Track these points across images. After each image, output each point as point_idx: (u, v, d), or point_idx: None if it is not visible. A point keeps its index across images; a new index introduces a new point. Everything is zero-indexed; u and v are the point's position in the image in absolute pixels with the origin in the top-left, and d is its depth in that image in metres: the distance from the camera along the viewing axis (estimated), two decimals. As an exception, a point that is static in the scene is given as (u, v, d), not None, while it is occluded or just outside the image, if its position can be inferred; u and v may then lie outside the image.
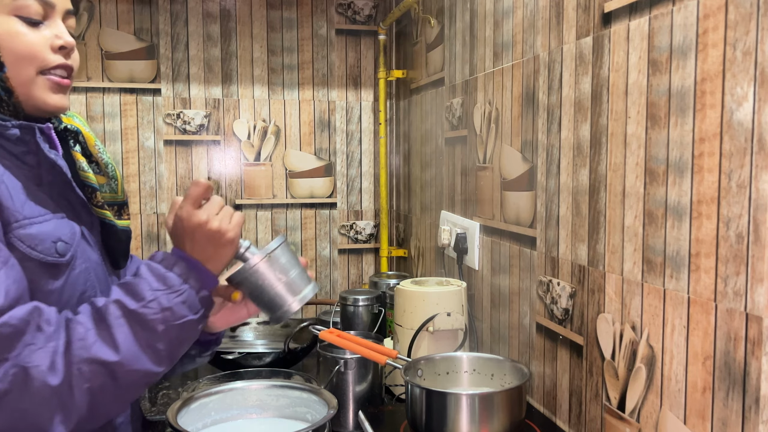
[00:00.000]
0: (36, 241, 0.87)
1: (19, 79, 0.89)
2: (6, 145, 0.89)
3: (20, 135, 0.89)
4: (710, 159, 0.93)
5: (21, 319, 0.78)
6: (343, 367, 1.49)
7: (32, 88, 0.91)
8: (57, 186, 0.94)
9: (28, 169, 0.90)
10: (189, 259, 0.93)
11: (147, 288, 0.88)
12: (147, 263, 0.92)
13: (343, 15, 2.68)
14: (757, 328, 0.86)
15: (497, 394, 1.25)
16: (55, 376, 0.79)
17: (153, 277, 0.89)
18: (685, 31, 0.98)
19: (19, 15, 0.89)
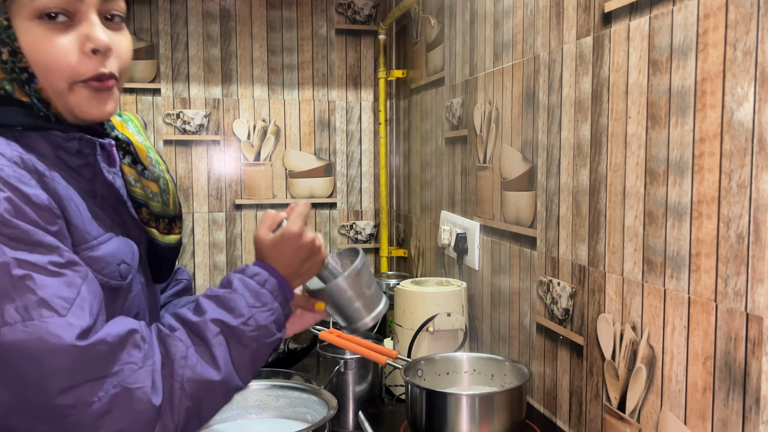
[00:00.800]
0: (103, 264, 0.83)
1: (52, 90, 0.80)
2: (64, 157, 0.83)
3: (79, 148, 0.84)
4: (710, 159, 0.93)
5: (118, 337, 0.75)
6: (343, 367, 1.49)
7: (69, 98, 0.81)
8: (109, 200, 0.90)
9: (84, 182, 0.86)
10: (278, 276, 0.92)
11: (244, 304, 0.86)
12: (240, 277, 0.90)
13: (343, 15, 2.68)
14: (758, 328, 0.86)
15: (497, 395, 1.25)
16: (157, 395, 0.76)
17: (249, 293, 0.88)
18: (686, 30, 0.98)
19: (41, 16, 0.77)
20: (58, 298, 0.72)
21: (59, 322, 0.71)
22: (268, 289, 0.90)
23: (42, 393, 0.70)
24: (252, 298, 0.87)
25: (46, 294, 0.71)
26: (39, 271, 0.72)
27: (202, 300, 0.87)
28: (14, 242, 0.71)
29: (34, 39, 0.78)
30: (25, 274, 0.71)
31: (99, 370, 0.73)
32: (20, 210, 0.73)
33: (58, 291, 0.72)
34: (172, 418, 0.77)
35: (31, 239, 0.72)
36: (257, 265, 0.93)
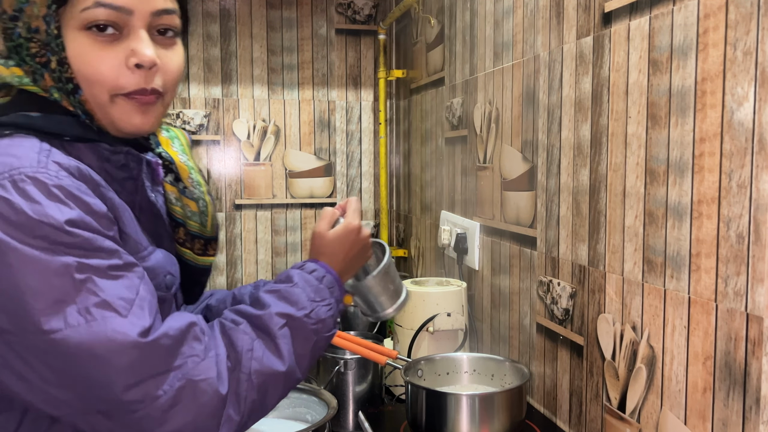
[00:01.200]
0: (153, 274, 0.83)
1: (95, 101, 0.80)
2: (109, 170, 0.83)
3: (125, 162, 0.84)
4: (711, 159, 0.93)
5: (179, 330, 0.76)
6: (343, 367, 1.49)
7: (110, 111, 0.81)
8: (148, 215, 0.90)
9: (125, 195, 0.85)
10: (333, 272, 0.95)
11: (305, 298, 0.88)
12: (299, 273, 0.92)
13: (343, 15, 2.68)
14: (758, 329, 0.86)
15: (497, 395, 1.25)
16: (223, 386, 0.77)
17: (309, 287, 0.90)
18: (686, 30, 0.98)
19: (90, 27, 0.77)
20: (118, 299, 0.72)
21: (121, 322, 0.71)
22: (326, 285, 0.92)
23: (108, 390, 0.71)
24: (312, 293, 0.90)
25: (108, 295, 0.72)
26: (99, 274, 0.72)
27: (263, 295, 0.88)
28: (76, 249, 0.71)
29: (80, 50, 0.78)
30: (87, 277, 0.71)
31: (163, 364, 0.73)
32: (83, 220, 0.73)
33: (119, 292, 0.73)
34: (239, 409, 0.78)
35: (92, 245, 0.73)
36: (313, 262, 0.96)
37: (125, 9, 0.78)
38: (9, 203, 0.69)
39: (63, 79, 0.79)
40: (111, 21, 0.78)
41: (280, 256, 2.69)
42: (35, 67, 0.79)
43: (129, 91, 0.80)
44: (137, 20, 0.79)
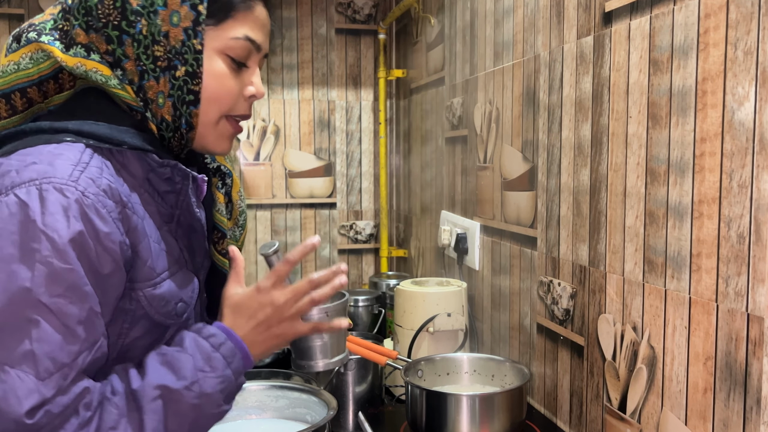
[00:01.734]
0: (163, 302, 0.82)
1: (205, 117, 0.85)
2: (154, 181, 0.84)
3: (170, 175, 0.85)
4: (711, 159, 0.93)
5: (63, 407, 0.71)
6: (343, 367, 1.49)
7: (212, 130, 0.86)
8: (185, 227, 0.89)
9: (165, 207, 0.86)
10: (237, 340, 0.84)
11: (191, 367, 0.79)
12: (194, 337, 0.83)
13: (342, 14, 2.68)
14: (759, 329, 0.85)
15: (498, 395, 1.25)
16: None
17: (200, 354, 0.81)
18: (686, 30, 0.97)
19: (228, 54, 0.84)
20: (48, 359, 0.70)
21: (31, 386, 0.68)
22: (222, 354, 0.82)
23: None
24: (202, 361, 0.80)
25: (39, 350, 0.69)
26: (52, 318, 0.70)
27: (148, 359, 0.81)
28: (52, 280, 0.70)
29: (217, 71, 0.84)
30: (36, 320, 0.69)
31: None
32: (85, 245, 0.72)
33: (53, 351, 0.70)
34: None
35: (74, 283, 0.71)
36: (216, 326, 0.85)
37: (261, 48, 0.88)
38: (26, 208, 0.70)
39: (185, 90, 0.82)
40: (245, 57, 0.86)
41: (280, 256, 2.69)
42: (147, 67, 0.81)
43: (237, 114, 0.87)
44: (258, 58, 0.89)
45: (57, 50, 0.81)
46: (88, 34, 0.81)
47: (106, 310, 0.76)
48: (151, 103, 0.83)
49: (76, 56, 0.81)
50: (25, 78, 0.82)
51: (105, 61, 0.82)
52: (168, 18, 0.81)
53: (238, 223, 1.01)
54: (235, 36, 0.84)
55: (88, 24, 0.81)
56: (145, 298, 0.81)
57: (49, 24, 0.83)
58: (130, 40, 0.81)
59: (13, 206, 0.70)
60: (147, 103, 0.83)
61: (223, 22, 0.84)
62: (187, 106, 0.83)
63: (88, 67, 0.81)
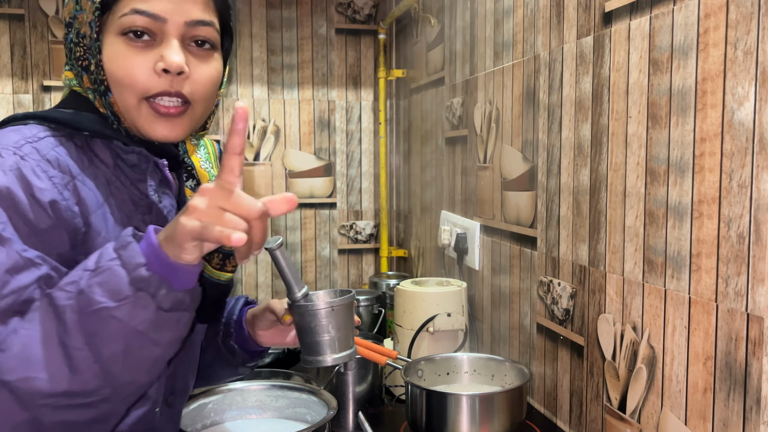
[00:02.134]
0: None
1: (123, 104, 0.83)
2: (124, 168, 0.85)
3: (137, 162, 0.85)
4: (711, 159, 0.93)
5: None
6: (343, 367, 1.49)
7: (136, 115, 0.84)
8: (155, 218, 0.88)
9: (139, 197, 0.86)
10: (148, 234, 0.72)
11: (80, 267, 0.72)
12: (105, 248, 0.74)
13: (342, 14, 2.68)
14: (758, 329, 0.85)
15: (498, 395, 1.25)
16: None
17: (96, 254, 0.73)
18: (686, 30, 0.97)
19: (124, 33, 0.82)
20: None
21: None
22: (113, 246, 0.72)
23: None
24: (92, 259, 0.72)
25: None
26: None
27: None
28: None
29: (114, 54, 0.83)
30: None
31: None
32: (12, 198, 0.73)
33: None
34: None
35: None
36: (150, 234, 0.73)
37: (160, 17, 0.81)
38: None
39: (97, 81, 0.84)
40: (146, 28, 0.82)
41: (280, 256, 2.69)
42: (77, 69, 0.86)
43: (154, 93, 0.82)
44: (171, 28, 0.83)
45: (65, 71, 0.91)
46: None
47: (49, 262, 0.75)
48: (93, 99, 0.87)
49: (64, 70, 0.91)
50: None
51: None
52: (82, 18, 0.84)
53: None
54: (123, 13, 0.82)
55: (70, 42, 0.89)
56: None
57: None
58: (68, 49, 0.87)
59: None
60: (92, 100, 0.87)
61: (115, 4, 0.83)
62: (102, 96, 0.85)
63: (66, 76, 0.90)
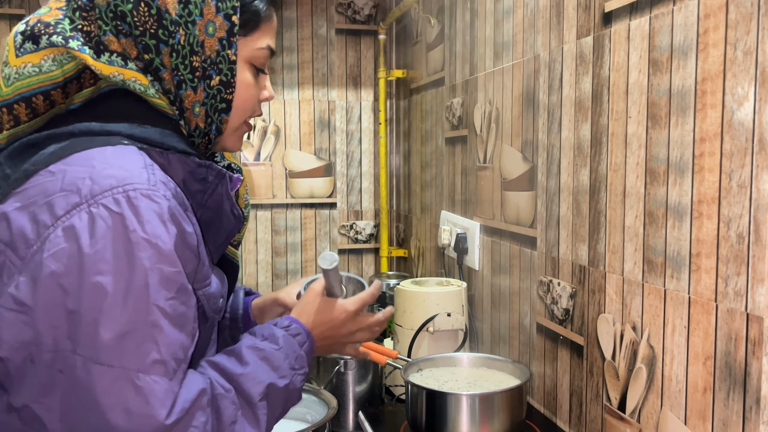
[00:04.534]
0: (213, 299, 0.85)
1: (232, 123, 0.87)
2: (188, 181, 0.84)
3: (205, 176, 0.85)
4: (711, 159, 0.93)
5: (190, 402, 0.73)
6: (343, 367, 1.49)
7: (234, 134, 0.90)
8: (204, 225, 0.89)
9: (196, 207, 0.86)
10: (311, 338, 0.92)
11: (287, 366, 0.85)
12: (285, 335, 0.88)
13: (343, 14, 2.68)
14: (758, 329, 0.86)
15: (498, 395, 1.25)
16: None
17: (292, 353, 0.87)
18: (686, 30, 0.98)
19: (252, 63, 0.87)
20: (173, 359, 0.71)
21: (165, 387, 0.70)
22: (305, 351, 0.90)
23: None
24: (294, 360, 0.87)
25: (166, 353, 0.70)
26: (171, 322, 0.71)
27: (246, 351, 0.84)
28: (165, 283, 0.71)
29: (246, 80, 0.87)
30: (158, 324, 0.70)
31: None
32: (180, 248, 0.73)
33: (176, 351, 0.71)
34: None
35: (180, 284, 0.72)
36: (298, 324, 0.92)
37: (274, 54, 0.92)
38: (122, 219, 0.69)
39: (219, 99, 0.84)
40: (266, 63, 0.90)
41: (280, 256, 2.69)
42: (185, 77, 0.81)
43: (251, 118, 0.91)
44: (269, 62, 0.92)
45: (89, 58, 0.79)
46: (119, 40, 0.79)
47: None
48: (186, 111, 0.83)
49: (113, 65, 0.79)
50: (48, 81, 0.79)
51: (138, 68, 0.80)
52: (204, 28, 0.81)
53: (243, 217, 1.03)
54: (260, 47, 0.87)
55: (119, 29, 0.79)
56: (205, 297, 0.83)
57: (67, 24, 0.80)
58: (168, 49, 0.79)
59: (107, 219, 0.69)
60: (182, 111, 0.83)
61: (252, 33, 0.86)
62: (219, 113, 0.85)
63: (127, 76, 0.79)
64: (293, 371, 0.86)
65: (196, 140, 0.86)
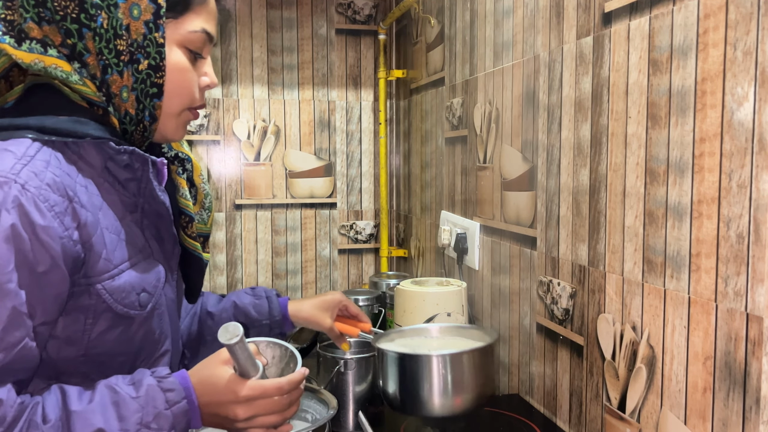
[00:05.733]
0: (123, 294, 0.82)
1: (168, 110, 0.86)
2: (113, 169, 0.84)
3: (129, 162, 0.84)
4: (711, 159, 0.93)
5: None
6: (343, 367, 1.49)
7: (174, 120, 0.88)
8: (150, 215, 0.89)
9: (127, 196, 0.86)
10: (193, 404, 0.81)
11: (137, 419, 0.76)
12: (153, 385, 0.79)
13: (343, 15, 2.68)
14: (758, 329, 0.86)
15: (467, 354, 1.20)
16: None
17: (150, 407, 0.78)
18: (686, 30, 0.98)
19: (186, 47, 0.86)
20: None
21: None
22: (173, 413, 0.79)
23: None
24: (151, 417, 0.77)
25: None
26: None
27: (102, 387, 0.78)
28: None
29: (179, 63, 0.85)
30: None
31: None
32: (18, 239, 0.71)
33: None
34: None
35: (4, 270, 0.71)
36: (180, 380, 0.82)
37: (213, 39, 0.90)
38: None
39: (149, 83, 0.82)
40: (203, 48, 0.88)
41: (280, 256, 2.69)
42: (110, 62, 0.80)
43: (195, 106, 0.89)
44: (210, 48, 0.90)
45: (9, 47, 0.78)
46: (41, 27, 0.78)
47: (41, 308, 0.74)
48: (114, 97, 0.82)
49: (32, 52, 0.78)
50: None
51: (62, 55, 0.79)
52: (128, 11, 0.80)
53: (204, 206, 1.02)
54: (193, 29, 0.86)
55: (40, 16, 0.78)
56: (105, 291, 0.80)
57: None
58: (91, 34, 0.79)
59: None
60: (110, 97, 0.82)
61: (183, 15, 0.85)
62: (150, 98, 0.83)
63: (47, 63, 0.78)
64: (143, 428, 0.76)
65: (128, 128, 0.84)
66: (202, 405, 0.82)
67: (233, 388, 0.82)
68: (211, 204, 1.03)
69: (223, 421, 0.84)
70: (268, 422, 0.85)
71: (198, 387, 0.82)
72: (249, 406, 0.83)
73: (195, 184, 1.00)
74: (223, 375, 0.83)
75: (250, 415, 0.83)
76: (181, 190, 0.96)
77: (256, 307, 1.13)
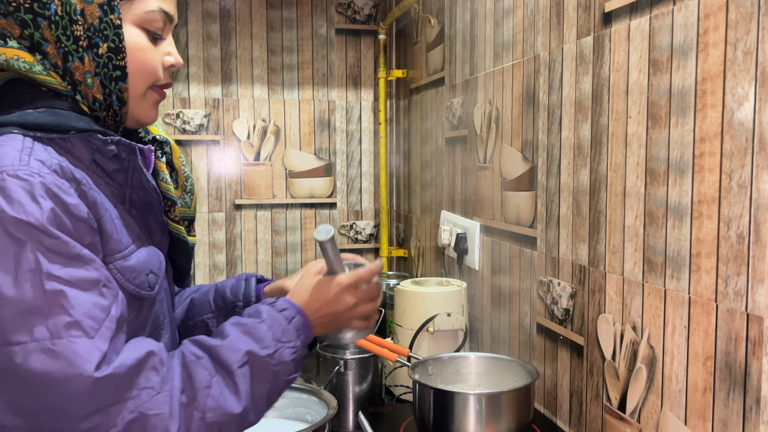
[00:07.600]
0: (135, 273, 0.83)
1: (134, 91, 0.86)
2: (100, 161, 0.84)
3: (116, 152, 0.85)
4: (711, 159, 0.93)
5: (136, 360, 0.74)
6: (343, 367, 1.49)
7: (141, 102, 0.88)
8: (138, 205, 0.90)
9: (116, 187, 0.86)
10: (303, 314, 0.92)
11: (271, 337, 0.85)
12: (269, 309, 0.89)
13: (343, 14, 2.68)
14: (758, 329, 0.86)
15: (505, 394, 1.24)
16: (174, 423, 0.74)
17: (277, 326, 0.87)
18: (686, 30, 0.98)
19: (145, 28, 0.86)
20: (89, 318, 0.72)
21: (87, 345, 0.71)
22: (294, 326, 0.89)
23: (63, 418, 0.70)
24: (280, 332, 0.87)
25: (78, 314, 0.71)
26: (73, 286, 0.72)
27: (228, 326, 0.86)
28: (52, 254, 0.71)
29: (139, 44, 0.85)
30: (59, 290, 0.71)
31: (116, 395, 0.72)
32: (61, 221, 0.73)
33: (90, 310, 0.72)
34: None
35: (70, 252, 0.73)
36: (286, 301, 0.92)
37: (173, 19, 0.89)
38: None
39: (111, 66, 0.82)
40: (163, 27, 0.87)
41: (280, 256, 2.69)
42: (70, 48, 0.80)
43: (161, 84, 0.89)
44: (171, 29, 0.90)
45: None
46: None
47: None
48: (79, 84, 0.82)
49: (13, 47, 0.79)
50: None
51: (23, 46, 0.80)
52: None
53: (186, 190, 1.02)
54: (149, 9, 0.85)
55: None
56: (117, 271, 0.81)
57: None
58: (47, 22, 0.79)
59: None
60: (75, 86, 0.82)
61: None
62: (115, 82, 0.83)
63: (9, 55, 0.79)
64: (279, 343, 0.85)
65: (99, 115, 0.84)
66: (311, 313, 0.93)
67: (336, 282, 0.95)
68: (192, 186, 1.03)
69: (334, 319, 0.96)
70: (368, 309, 0.99)
71: (303, 300, 0.94)
72: (354, 292, 0.96)
73: (175, 167, 1.00)
74: (322, 280, 0.96)
75: (356, 302, 0.96)
76: (161, 174, 0.96)
77: (232, 289, 1.14)
